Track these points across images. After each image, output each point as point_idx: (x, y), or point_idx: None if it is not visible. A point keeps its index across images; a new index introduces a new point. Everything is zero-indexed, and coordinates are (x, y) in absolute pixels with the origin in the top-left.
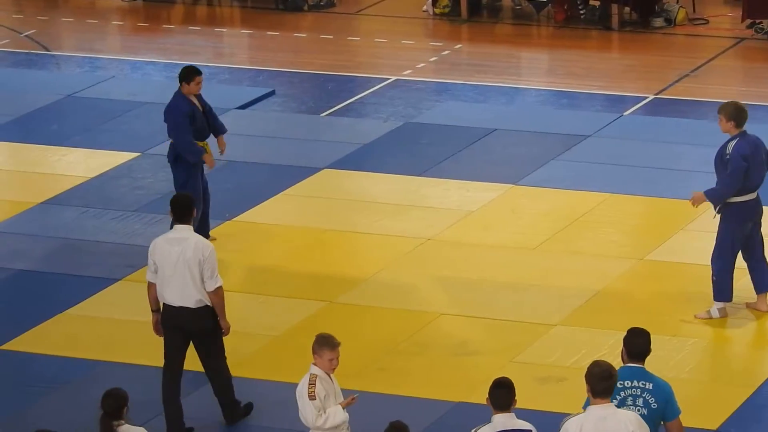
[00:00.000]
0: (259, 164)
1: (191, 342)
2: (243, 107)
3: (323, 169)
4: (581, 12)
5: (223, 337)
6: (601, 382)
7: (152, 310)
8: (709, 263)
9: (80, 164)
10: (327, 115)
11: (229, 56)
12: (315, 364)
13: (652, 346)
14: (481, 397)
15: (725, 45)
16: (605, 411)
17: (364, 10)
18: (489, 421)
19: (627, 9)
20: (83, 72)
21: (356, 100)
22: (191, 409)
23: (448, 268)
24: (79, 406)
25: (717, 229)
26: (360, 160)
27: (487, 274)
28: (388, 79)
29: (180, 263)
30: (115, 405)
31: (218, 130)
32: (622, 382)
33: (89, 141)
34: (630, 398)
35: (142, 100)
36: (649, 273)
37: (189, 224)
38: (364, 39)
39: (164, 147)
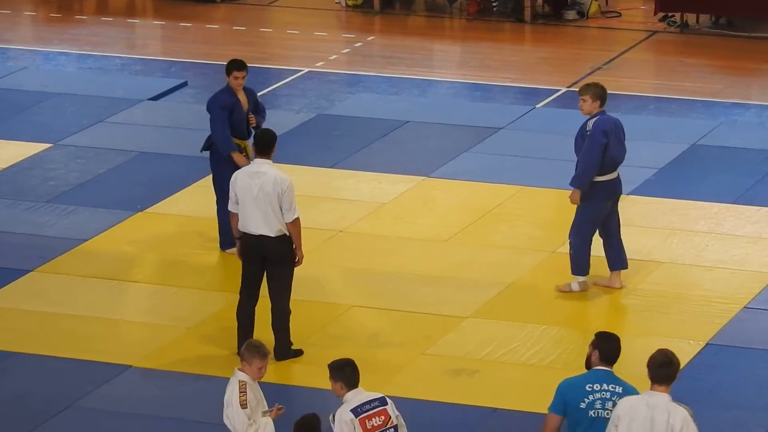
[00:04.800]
0: (171, 155)
1: (265, 272)
2: (155, 98)
3: None
4: (494, 4)
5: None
6: (660, 369)
7: (236, 238)
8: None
9: None
10: None
11: (141, 47)
12: (242, 370)
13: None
14: (394, 389)
15: (638, 38)
16: (658, 399)
17: (276, 1)
18: (341, 403)
19: (540, 1)
20: None
21: (269, 91)
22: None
23: (360, 260)
24: None
25: (577, 205)
26: None
27: (398, 267)
28: (301, 70)
29: (260, 196)
30: None
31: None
32: (591, 385)
33: (0, 132)
34: (599, 401)
35: (54, 91)
36: (561, 266)
37: (269, 158)
38: (277, 30)
39: (76, 138)
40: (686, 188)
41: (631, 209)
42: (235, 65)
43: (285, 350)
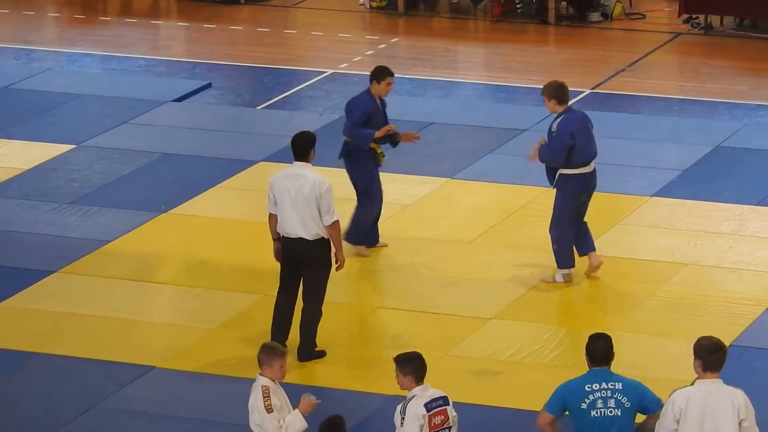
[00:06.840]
0: (194, 157)
1: (302, 272)
2: (179, 100)
3: (259, 162)
4: (518, 6)
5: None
6: (712, 355)
7: (273, 239)
8: (643, 257)
9: (16, 156)
10: (263, 108)
11: (165, 48)
12: (262, 374)
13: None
14: None
15: (662, 40)
16: (713, 386)
17: (300, 3)
18: (410, 396)
19: (564, 3)
20: (19, 64)
21: (292, 93)
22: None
23: (384, 262)
24: (13, 398)
25: (554, 198)
26: None
27: (422, 268)
28: (325, 72)
29: (298, 198)
30: None
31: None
32: (590, 385)
33: (25, 133)
34: (600, 400)
35: (78, 92)
36: (584, 267)
37: (307, 161)
38: (301, 32)
39: (99, 139)
40: (710, 190)
41: (655, 211)
42: (389, 71)
43: (309, 351)
